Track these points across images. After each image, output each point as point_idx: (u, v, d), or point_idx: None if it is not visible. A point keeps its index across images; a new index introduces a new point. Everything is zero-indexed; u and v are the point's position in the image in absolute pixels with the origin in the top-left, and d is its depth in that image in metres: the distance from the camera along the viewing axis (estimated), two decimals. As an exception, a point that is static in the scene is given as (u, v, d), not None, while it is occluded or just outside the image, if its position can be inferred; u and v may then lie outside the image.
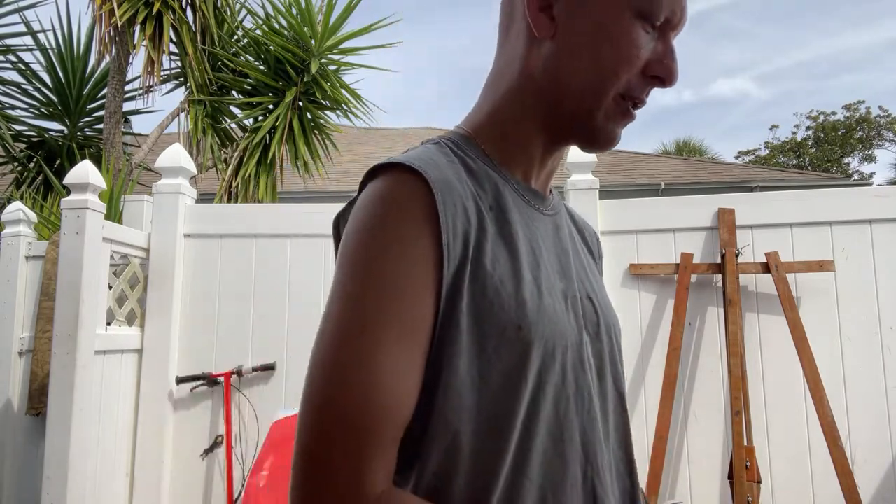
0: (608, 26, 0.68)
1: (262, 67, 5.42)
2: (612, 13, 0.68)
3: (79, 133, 6.13)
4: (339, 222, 0.73)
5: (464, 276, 0.63)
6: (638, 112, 0.74)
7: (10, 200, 4.36)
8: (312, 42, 5.15)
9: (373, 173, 0.68)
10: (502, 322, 0.64)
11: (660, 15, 0.68)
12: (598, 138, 0.73)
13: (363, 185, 0.69)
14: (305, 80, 5.20)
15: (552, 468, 0.66)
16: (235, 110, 5.61)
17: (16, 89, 5.93)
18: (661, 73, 0.70)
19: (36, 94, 5.98)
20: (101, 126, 5.94)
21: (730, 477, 2.74)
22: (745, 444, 2.73)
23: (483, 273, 0.64)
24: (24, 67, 5.90)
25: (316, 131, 5.54)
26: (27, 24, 5.91)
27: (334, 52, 5.36)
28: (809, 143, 22.08)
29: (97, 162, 5.15)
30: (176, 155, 3.29)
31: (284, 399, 3.14)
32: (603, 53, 0.68)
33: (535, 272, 0.69)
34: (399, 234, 0.61)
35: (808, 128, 22.09)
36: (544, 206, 0.77)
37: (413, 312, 0.60)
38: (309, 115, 5.42)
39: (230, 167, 5.14)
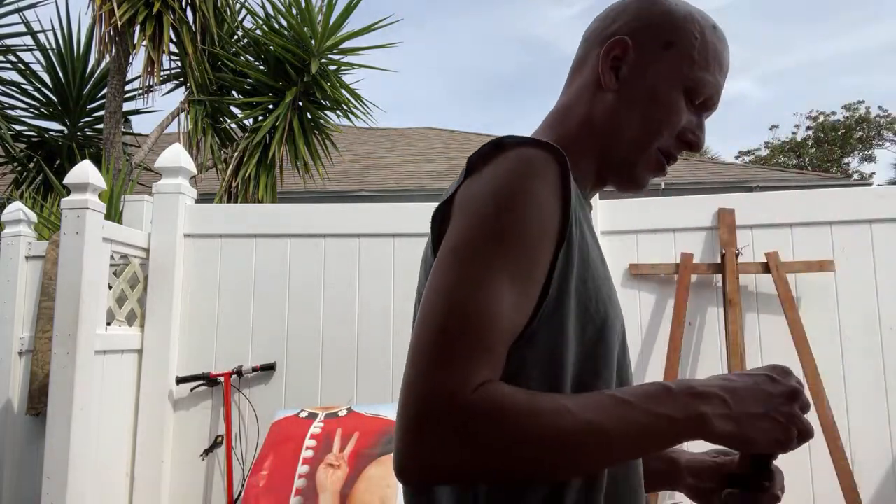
0: (661, 92, 0.84)
1: (262, 67, 5.42)
2: (667, 83, 0.84)
3: (79, 133, 6.13)
4: (437, 219, 0.77)
5: (575, 242, 0.73)
6: None
7: (10, 200, 4.36)
8: (312, 42, 5.15)
9: (502, 144, 0.75)
10: (599, 291, 0.76)
11: (701, 96, 0.85)
12: (633, 181, 0.87)
13: (486, 150, 0.76)
14: (305, 80, 5.20)
15: None
16: (235, 110, 5.61)
17: (16, 89, 5.94)
18: (693, 140, 0.86)
19: (36, 94, 5.98)
20: (101, 126, 5.94)
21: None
22: (745, 444, 2.72)
23: (586, 246, 0.76)
24: (24, 67, 5.90)
25: (316, 131, 5.54)
26: (27, 24, 5.92)
27: (334, 52, 5.36)
28: (809, 143, 22.08)
29: (97, 162, 5.14)
30: (176, 155, 3.29)
31: (284, 399, 3.14)
32: (652, 112, 0.84)
33: (603, 261, 0.83)
34: (536, 192, 0.70)
35: (808, 128, 22.09)
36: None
37: (534, 259, 0.69)
38: (309, 116, 5.42)
39: (230, 167, 5.14)
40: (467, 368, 0.62)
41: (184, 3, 5.21)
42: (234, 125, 5.64)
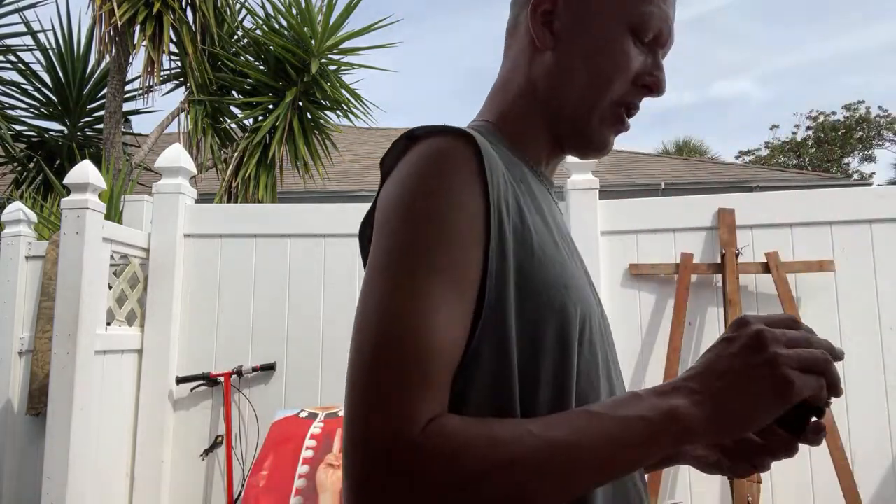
0: (603, 38, 0.75)
1: (262, 67, 5.42)
2: (608, 27, 0.75)
3: (79, 133, 6.13)
4: (366, 228, 0.74)
5: (508, 234, 0.65)
6: (639, 112, 0.80)
7: (10, 200, 4.36)
8: (312, 42, 5.15)
9: (414, 137, 0.69)
10: (549, 280, 0.67)
11: (649, 32, 0.75)
12: (592, 142, 0.79)
13: (400, 147, 0.70)
14: (305, 80, 5.20)
15: None
16: (235, 110, 5.61)
17: (16, 89, 5.94)
18: (651, 83, 0.77)
19: (36, 94, 5.99)
20: (101, 126, 5.95)
21: (729, 477, 2.74)
22: (745, 444, 2.72)
23: (528, 233, 0.67)
24: (24, 67, 5.91)
25: (316, 131, 5.54)
26: (27, 24, 5.92)
27: (334, 52, 5.36)
28: (809, 143, 22.05)
29: (97, 162, 5.15)
30: (176, 155, 3.29)
31: (284, 399, 3.14)
32: (598, 63, 0.75)
33: (560, 243, 0.74)
34: (452, 189, 0.63)
35: (808, 128, 22.06)
36: (552, 189, 0.84)
37: (464, 265, 0.62)
38: (309, 115, 5.42)
39: (230, 167, 5.14)
40: (411, 404, 0.56)
41: (184, 3, 5.21)
42: (234, 125, 5.64)
